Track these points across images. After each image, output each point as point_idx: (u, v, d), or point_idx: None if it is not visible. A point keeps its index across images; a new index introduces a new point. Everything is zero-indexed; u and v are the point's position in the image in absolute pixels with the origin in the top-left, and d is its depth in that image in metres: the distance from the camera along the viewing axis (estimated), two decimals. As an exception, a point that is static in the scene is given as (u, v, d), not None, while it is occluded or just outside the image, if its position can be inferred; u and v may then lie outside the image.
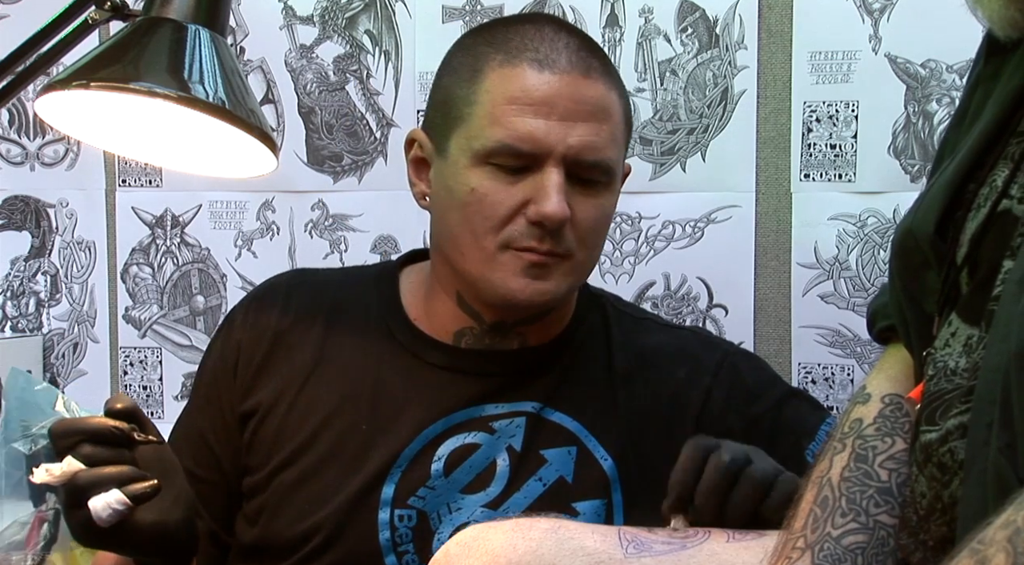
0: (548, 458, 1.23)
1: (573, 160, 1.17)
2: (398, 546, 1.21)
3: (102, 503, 1.06)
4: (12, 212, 2.02)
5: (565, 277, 1.20)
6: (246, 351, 1.31)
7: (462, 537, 0.98)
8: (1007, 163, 0.83)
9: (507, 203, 1.17)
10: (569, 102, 1.17)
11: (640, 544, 0.96)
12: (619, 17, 1.72)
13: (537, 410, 1.24)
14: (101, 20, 1.21)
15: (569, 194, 1.17)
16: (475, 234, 1.18)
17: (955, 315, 0.82)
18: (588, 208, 1.19)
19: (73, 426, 1.09)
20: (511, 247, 1.18)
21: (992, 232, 0.81)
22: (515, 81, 1.17)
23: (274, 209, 1.88)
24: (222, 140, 1.19)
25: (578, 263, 1.21)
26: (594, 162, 1.18)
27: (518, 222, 1.17)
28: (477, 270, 1.19)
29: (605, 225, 1.23)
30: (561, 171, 1.17)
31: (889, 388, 0.94)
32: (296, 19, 1.85)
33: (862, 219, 1.65)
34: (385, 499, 1.22)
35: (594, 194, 1.20)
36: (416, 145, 1.26)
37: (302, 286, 1.36)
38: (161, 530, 1.11)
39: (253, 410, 1.29)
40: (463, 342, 1.27)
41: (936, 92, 1.62)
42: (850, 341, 1.66)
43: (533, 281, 1.18)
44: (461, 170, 1.19)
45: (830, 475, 0.91)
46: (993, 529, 0.58)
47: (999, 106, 0.86)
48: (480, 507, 1.21)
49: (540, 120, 1.16)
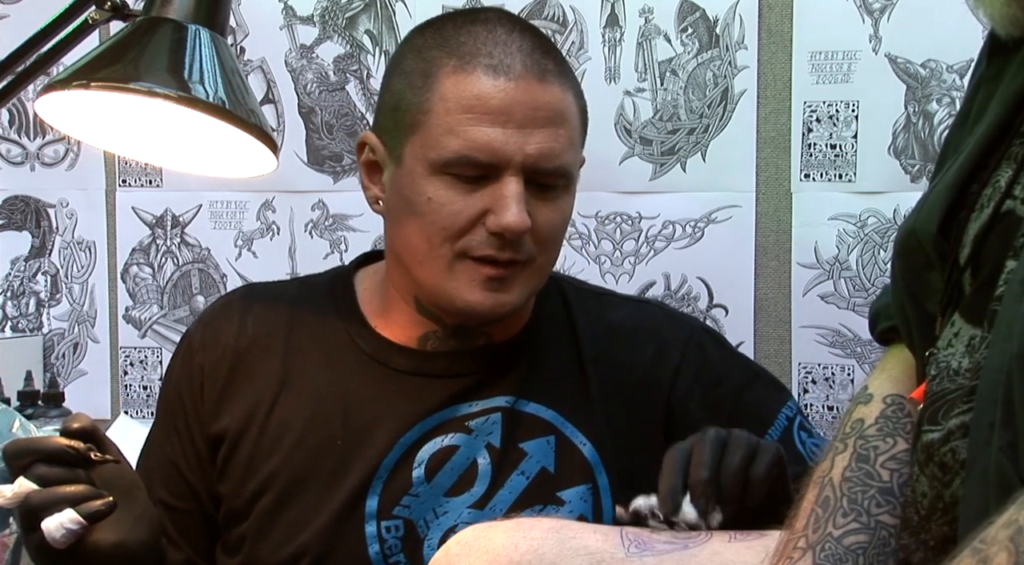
0: (528, 451, 1.22)
1: (532, 168, 1.15)
2: (388, 558, 1.20)
3: (55, 523, 1.03)
4: (12, 212, 2.02)
5: (526, 283, 1.19)
6: (209, 374, 1.28)
7: (463, 536, 0.97)
8: (1010, 164, 0.83)
9: (465, 213, 1.15)
10: (526, 109, 1.15)
11: (642, 543, 0.96)
12: (619, 17, 1.72)
13: (511, 404, 1.23)
14: (101, 20, 1.21)
15: (528, 202, 1.15)
16: (431, 243, 1.16)
17: (958, 315, 0.82)
18: (548, 214, 1.18)
19: (26, 446, 1.06)
20: (469, 256, 1.16)
21: (995, 232, 0.81)
22: (469, 88, 1.15)
23: (274, 209, 1.88)
24: (222, 140, 1.19)
25: (538, 267, 1.20)
26: (553, 169, 1.16)
27: (477, 232, 1.15)
28: (434, 280, 1.18)
29: (564, 228, 1.23)
30: (520, 180, 1.15)
31: (891, 388, 0.94)
32: (296, 19, 1.85)
33: (862, 219, 1.65)
34: (370, 512, 1.20)
35: (553, 199, 1.18)
36: (368, 148, 1.23)
37: (256, 302, 1.32)
38: (121, 551, 1.08)
39: (221, 436, 1.26)
40: (428, 345, 1.25)
41: (936, 92, 1.62)
42: (850, 341, 1.66)
43: (493, 293, 1.17)
44: (417, 179, 1.16)
45: (832, 475, 0.91)
46: (995, 528, 0.58)
47: (1002, 107, 0.86)
48: (466, 508, 1.20)
49: (497, 129, 1.14)
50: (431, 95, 1.16)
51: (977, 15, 0.90)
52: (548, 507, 1.20)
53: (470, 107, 1.14)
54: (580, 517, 1.19)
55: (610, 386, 1.26)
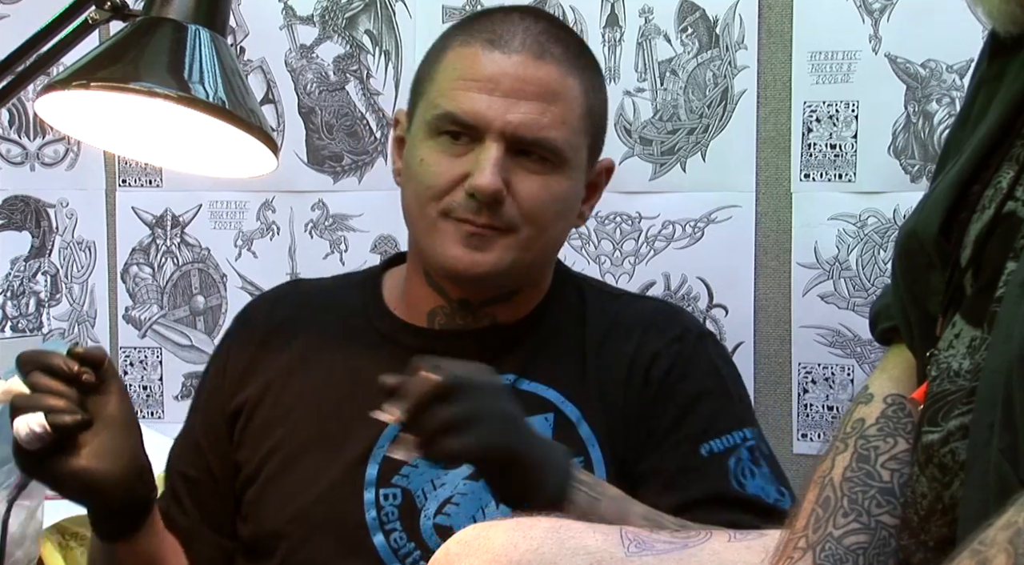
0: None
1: (513, 136, 1.20)
2: (385, 525, 1.23)
3: (23, 423, 1.09)
4: (12, 212, 2.02)
5: (507, 251, 1.22)
6: (235, 354, 1.36)
7: (463, 536, 0.98)
8: (1012, 165, 0.83)
9: (447, 174, 1.22)
10: (515, 81, 1.21)
11: (641, 543, 0.96)
12: (619, 17, 1.72)
13: (512, 381, 1.25)
14: (101, 20, 1.21)
15: (511, 170, 1.21)
16: (420, 203, 1.24)
17: (959, 317, 0.82)
18: (531, 185, 1.22)
19: (34, 356, 1.14)
20: (451, 216, 1.22)
21: (996, 234, 0.81)
22: (467, 59, 1.23)
23: (274, 209, 1.88)
24: (222, 140, 1.19)
25: (524, 239, 1.23)
26: (535, 139, 1.21)
27: (457, 194, 1.21)
28: (423, 237, 1.25)
29: (553, 204, 1.25)
30: (500, 146, 1.20)
31: (892, 388, 0.94)
32: (296, 19, 1.85)
33: (862, 219, 1.65)
34: (369, 479, 1.24)
35: (540, 172, 1.23)
36: (398, 125, 1.33)
37: (291, 293, 1.43)
38: (85, 476, 1.12)
39: (240, 408, 1.33)
40: (436, 323, 1.30)
41: (936, 92, 1.62)
42: (850, 341, 1.66)
43: (472, 251, 1.21)
44: (418, 143, 1.25)
45: (832, 475, 0.91)
46: (994, 530, 0.58)
47: (1003, 107, 0.86)
48: (462, 479, 1.23)
49: (484, 95, 1.21)
50: (437, 65, 1.26)
51: (976, 13, 0.90)
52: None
53: (463, 75, 1.22)
54: None
55: (605, 370, 1.28)
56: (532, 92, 1.21)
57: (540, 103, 1.21)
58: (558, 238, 1.29)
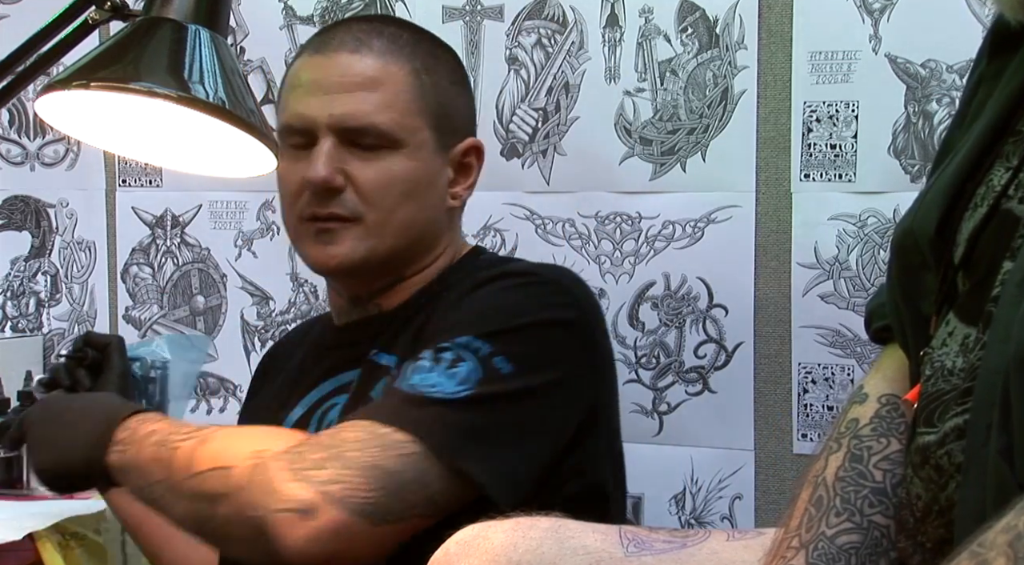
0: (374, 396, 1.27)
1: (339, 128, 1.27)
2: None
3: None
4: (12, 212, 2.02)
5: (359, 240, 1.29)
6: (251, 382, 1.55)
7: (462, 536, 0.98)
8: (1004, 163, 0.83)
9: (294, 178, 1.30)
10: (334, 77, 1.28)
11: (640, 543, 0.96)
12: (619, 17, 1.72)
13: (373, 358, 1.30)
14: (101, 20, 1.22)
15: (347, 160, 1.27)
16: (284, 212, 1.34)
17: (952, 315, 0.82)
18: (368, 171, 1.28)
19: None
20: (303, 219, 1.30)
21: (990, 232, 0.81)
22: (295, 70, 1.33)
23: (274, 209, 1.88)
24: (222, 140, 1.20)
25: (372, 225, 1.29)
26: (360, 127, 1.27)
27: (303, 194, 1.29)
28: (294, 244, 1.35)
29: (394, 186, 1.29)
30: (330, 140, 1.27)
31: (886, 388, 0.94)
32: (296, 19, 1.85)
33: (862, 219, 1.65)
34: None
35: (374, 158, 1.28)
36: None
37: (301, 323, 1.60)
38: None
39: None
40: (340, 320, 1.39)
41: (936, 92, 1.62)
42: (850, 341, 1.66)
43: (325, 246, 1.29)
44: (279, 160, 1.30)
45: (825, 474, 0.91)
46: (994, 533, 0.58)
47: (999, 105, 0.85)
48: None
49: (308, 98, 1.29)
50: (283, 84, 1.36)
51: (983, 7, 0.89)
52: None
53: (292, 85, 1.32)
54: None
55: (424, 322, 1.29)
56: (352, 83, 1.28)
57: (361, 93, 1.27)
58: (414, 219, 1.30)
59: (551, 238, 1.76)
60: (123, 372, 1.39)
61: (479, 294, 1.25)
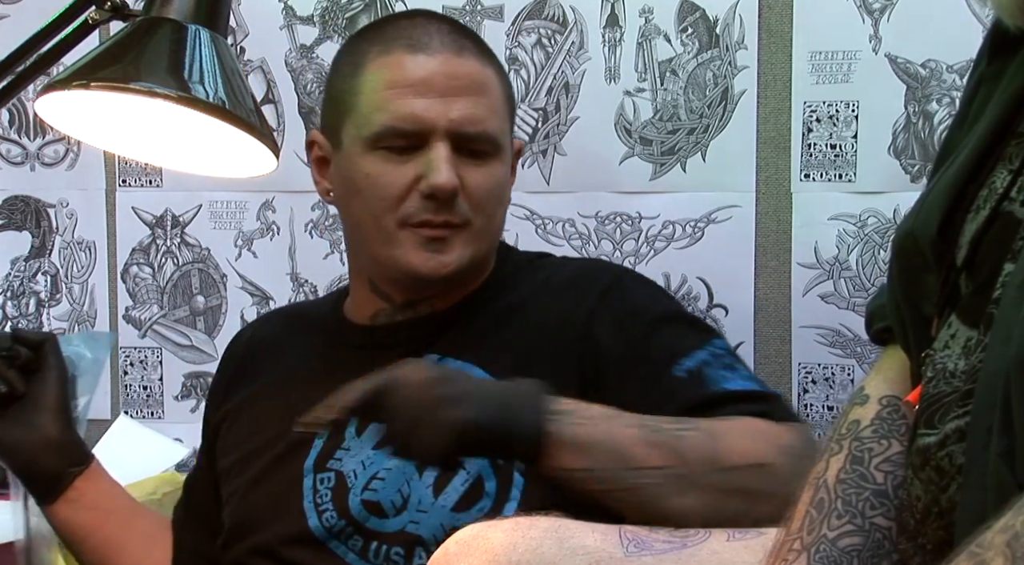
0: None
1: (456, 133, 1.24)
2: (319, 506, 1.26)
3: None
4: (12, 212, 2.02)
5: (466, 246, 1.27)
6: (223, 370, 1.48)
7: (461, 536, 0.98)
8: (1006, 165, 0.83)
9: (399, 182, 1.24)
10: (445, 79, 1.25)
11: (640, 543, 0.96)
12: (619, 17, 1.72)
13: (436, 361, 1.27)
14: (101, 20, 1.22)
15: (458, 166, 1.24)
16: (375, 216, 1.26)
17: (955, 317, 0.82)
18: (478, 177, 1.26)
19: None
20: (408, 224, 1.25)
21: (992, 234, 0.81)
22: (392, 67, 1.26)
23: (274, 209, 1.88)
24: (222, 140, 1.20)
25: (477, 231, 1.27)
26: (477, 133, 1.25)
27: (412, 198, 1.24)
28: (381, 251, 1.27)
29: (498, 193, 1.30)
30: (447, 144, 1.24)
31: (887, 390, 0.93)
32: (296, 19, 1.85)
33: (862, 219, 1.65)
34: (307, 468, 1.28)
35: (482, 163, 1.27)
36: (316, 146, 1.35)
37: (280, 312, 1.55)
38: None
39: (224, 418, 1.41)
40: (375, 320, 1.35)
41: (936, 92, 1.62)
42: (850, 341, 1.66)
43: (434, 254, 1.25)
44: (355, 158, 1.27)
45: (826, 477, 0.91)
46: (992, 533, 0.58)
47: (1001, 107, 0.85)
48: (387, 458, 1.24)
49: (420, 99, 1.24)
50: (360, 79, 1.27)
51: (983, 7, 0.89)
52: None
53: (393, 83, 1.25)
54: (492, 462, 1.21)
55: (527, 335, 1.28)
56: (463, 86, 1.25)
57: (472, 97, 1.25)
58: (502, 224, 1.34)
59: (551, 238, 1.76)
60: (62, 371, 1.33)
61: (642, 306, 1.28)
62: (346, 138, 1.28)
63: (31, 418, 1.31)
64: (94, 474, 1.37)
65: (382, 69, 1.26)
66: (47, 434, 1.31)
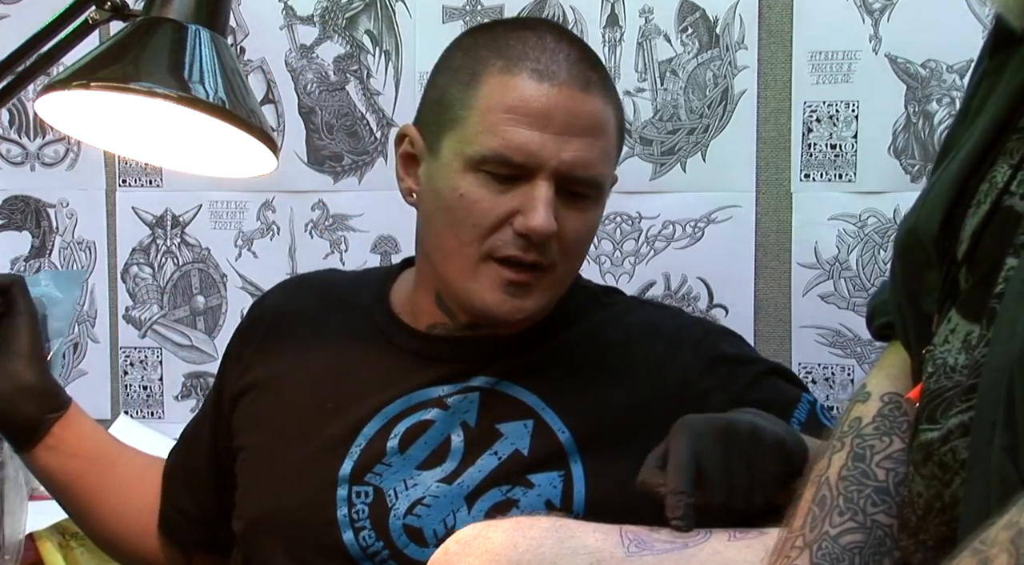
0: (504, 432, 1.23)
1: (565, 175, 1.18)
2: (355, 522, 1.22)
3: None
4: (12, 212, 2.02)
5: (545, 291, 1.21)
6: (246, 339, 1.38)
7: (462, 535, 0.98)
8: (1007, 159, 0.83)
9: (494, 212, 1.18)
10: (566, 115, 1.17)
11: (641, 543, 0.96)
12: (619, 17, 1.72)
13: (492, 384, 1.24)
14: (101, 20, 1.22)
15: (557, 207, 1.18)
16: (460, 240, 1.19)
17: (954, 311, 0.82)
18: (575, 222, 1.20)
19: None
20: (493, 257, 1.19)
21: (993, 228, 0.81)
22: (513, 90, 1.18)
23: (274, 209, 1.88)
24: (222, 140, 1.19)
25: (561, 275, 1.22)
26: (585, 178, 1.19)
27: (504, 232, 1.18)
28: (457, 277, 1.21)
29: (590, 238, 1.25)
30: (551, 185, 1.17)
31: (889, 387, 0.94)
32: (296, 19, 1.85)
33: (862, 219, 1.65)
34: (343, 476, 1.23)
35: (582, 208, 1.21)
36: (407, 141, 1.27)
37: (308, 282, 1.44)
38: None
39: (245, 389, 1.34)
40: (434, 330, 1.28)
41: (936, 92, 1.62)
42: (850, 341, 1.66)
43: (511, 298, 1.19)
44: (452, 173, 1.19)
45: (828, 474, 0.91)
46: (996, 530, 0.58)
47: (1002, 102, 0.85)
48: (435, 482, 1.22)
49: (535, 132, 1.17)
50: (475, 93, 1.19)
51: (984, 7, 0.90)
52: (516, 488, 1.20)
53: (511, 108, 1.17)
54: (547, 502, 1.20)
55: (608, 381, 1.26)
56: (582, 127, 1.18)
57: (589, 139, 1.18)
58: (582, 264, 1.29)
59: (551, 238, 1.76)
60: (32, 314, 1.28)
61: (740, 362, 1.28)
62: (446, 148, 1.21)
63: (3, 365, 1.27)
64: (73, 419, 1.33)
65: (502, 89, 1.18)
66: (21, 381, 1.27)
